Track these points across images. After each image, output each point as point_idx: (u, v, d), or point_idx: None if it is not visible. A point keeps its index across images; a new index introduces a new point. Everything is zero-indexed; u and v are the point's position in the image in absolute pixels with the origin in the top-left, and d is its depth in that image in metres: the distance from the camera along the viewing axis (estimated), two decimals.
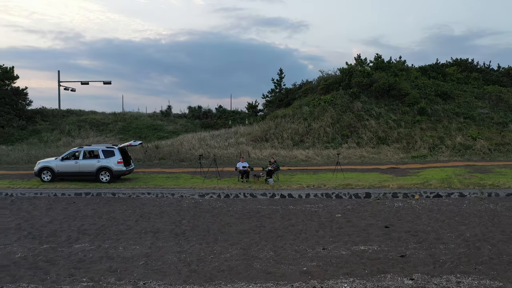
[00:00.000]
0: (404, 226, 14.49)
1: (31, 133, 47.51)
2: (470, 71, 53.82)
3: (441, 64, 58.58)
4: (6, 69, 53.52)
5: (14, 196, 19.82)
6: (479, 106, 37.84)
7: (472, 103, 38.58)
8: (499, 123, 34.64)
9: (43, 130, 48.35)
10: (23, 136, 46.01)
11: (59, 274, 10.84)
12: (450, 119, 35.12)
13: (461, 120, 34.81)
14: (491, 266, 11.04)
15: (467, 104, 38.20)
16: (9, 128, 47.22)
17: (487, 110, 37.08)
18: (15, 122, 48.83)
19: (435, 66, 51.00)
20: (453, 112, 36.18)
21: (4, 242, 13.30)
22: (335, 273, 10.74)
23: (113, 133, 49.18)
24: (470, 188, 19.06)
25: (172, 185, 21.46)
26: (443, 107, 37.03)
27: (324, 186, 20.22)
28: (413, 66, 53.47)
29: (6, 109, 49.56)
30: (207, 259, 11.82)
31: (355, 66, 48.41)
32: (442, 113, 35.85)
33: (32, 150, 33.89)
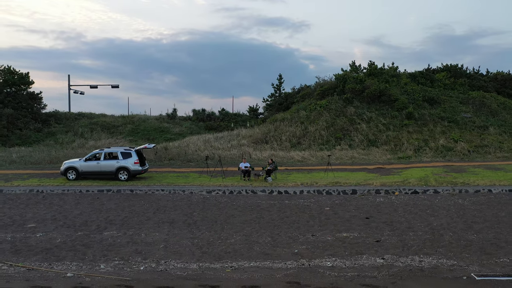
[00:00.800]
0: (382, 218, 16.57)
1: (46, 135, 49.49)
2: (459, 76, 55.75)
3: (432, 69, 60.66)
4: (22, 75, 55.60)
5: (45, 192, 21.91)
6: (463, 111, 39.88)
7: (456, 107, 40.62)
8: (480, 127, 36.69)
9: (58, 132, 50.30)
10: (39, 138, 48.03)
11: (94, 255, 12.92)
12: (435, 122, 37.17)
13: (445, 124, 36.87)
14: (449, 249, 13.10)
15: (452, 109, 40.23)
16: (26, 131, 49.28)
17: (470, 115, 39.13)
18: (32, 125, 50.87)
19: (424, 72, 52.97)
20: (438, 116, 38.23)
21: (45, 230, 15.39)
22: (320, 254, 12.82)
23: (123, 135, 51.07)
24: (444, 186, 21.16)
25: (183, 183, 23.58)
26: (430, 111, 39.07)
27: (316, 184, 22.33)
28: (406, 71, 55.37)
29: (23, 112, 51.65)
30: (215, 243, 13.90)
31: (349, 73, 50.44)
32: (428, 117, 37.91)
33: (52, 151, 35.90)
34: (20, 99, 53.18)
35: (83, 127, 51.73)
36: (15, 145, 43.88)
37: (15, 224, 16.07)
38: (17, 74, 55.29)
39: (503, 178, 22.33)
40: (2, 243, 13.99)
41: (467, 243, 13.63)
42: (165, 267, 11.99)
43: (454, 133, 34.89)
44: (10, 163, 31.06)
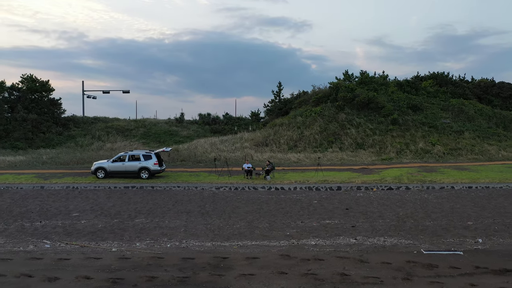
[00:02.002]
0: (359, 209, 19.54)
1: (67, 138, 52.38)
2: (445, 83, 58.39)
3: (421, 76, 63.41)
4: (43, 82, 58.60)
5: (80, 188, 24.94)
6: (442, 117, 42.79)
7: (437, 114, 43.54)
8: (457, 131, 39.60)
9: (77, 135, 53.21)
10: (61, 141, 50.95)
11: (130, 236, 15.90)
12: (417, 127, 40.11)
13: (426, 129, 39.79)
14: (408, 232, 16.06)
15: (433, 115, 43.15)
16: (49, 134, 52.27)
17: (449, 120, 42.04)
18: (54, 129, 53.86)
19: (411, 81, 55.74)
20: (420, 122, 41.16)
21: (87, 218, 18.38)
22: (307, 236, 15.78)
23: (136, 138, 53.87)
24: (415, 183, 24.14)
25: (195, 180, 26.60)
26: (413, 117, 42.00)
27: (308, 181, 25.33)
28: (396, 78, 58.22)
29: (46, 117, 54.63)
30: (224, 228, 16.87)
31: (342, 81, 53.35)
32: (411, 123, 40.84)
33: (77, 153, 38.94)
34: (42, 105, 56.16)
35: (99, 131, 54.59)
36: (40, 147, 46.89)
37: (61, 214, 19.09)
38: (39, 81, 58.32)
39: (465, 177, 25.32)
40: (55, 228, 17.00)
41: (424, 228, 16.59)
42: (186, 245, 14.97)
43: (432, 137, 37.84)
44: (42, 164, 34.10)
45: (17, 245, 15.01)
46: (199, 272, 12.05)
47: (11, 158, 35.70)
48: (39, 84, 58.42)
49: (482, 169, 28.20)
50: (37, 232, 16.42)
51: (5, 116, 52.06)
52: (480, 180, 24.54)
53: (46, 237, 15.81)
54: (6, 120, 51.23)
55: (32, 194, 23.33)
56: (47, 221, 17.90)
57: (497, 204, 20.02)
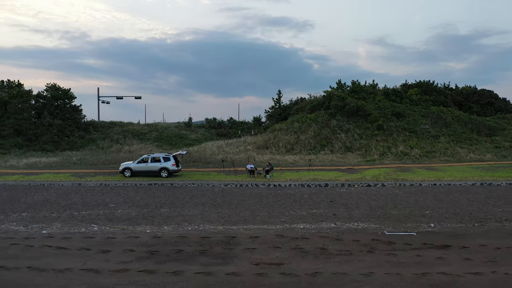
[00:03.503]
0: (341, 201, 22.94)
1: (88, 141, 55.76)
2: (430, 91, 61.54)
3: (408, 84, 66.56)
4: (65, 90, 62.07)
5: (110, 185, 28.42)
6: (422, 123, 46.13)
7: (418, 120, 46.87)
8: (434, 136, 42.94)
9: (97, 139, 56.55)
10: (83, 144, 54.34)
11: (159, 222, 19.31)
12: (399, 133, 43.47)
13: (407, 134, 43.15)
14: (377, 219, 19.43)
15: (414, 121, 46.49)
16: (73, 138, 55.74)
17: (428, 126, 45.38)
18: (76, 133, 57.31)
19: (396, 89, 59.12)
20: (402, 127, 44.51)
21: (122, 208, 21.82)
22: (297, 222, 19.17)
23: (150, 141, 57.10)
24: (389, 181, 27.53)
25: (206, 178, 30.05)
26: (396, 123, 45.35)
27: (300, 179, 28.74)
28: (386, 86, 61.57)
29: (69, 122, 58.08)
30: (232, 215, 20.28)
31: (335, 91, 56.77)
32: (394, 128, 44.20)
33: (101, 155, 42.40)
34: (65, 111, 59.63)
35: (117, 134, 57.95)
36: (65, 150, 50.36)
37: (101, 205, 22.55)
38: (61, 90, 61.82)
39: (433, 176, 28.70)
40: (98, 215, 20.44)
41: (390, 216, 19.98)
42: (203, 228, 18.39)
43: (412, 141, 41.21)
44: (73, 164, 37.58)
45: (72, 228, 18.46)
46: (215, 247, 15.47)
47: (45, 159, 39.20)
48: (62, 92, 61.86)
49: (448, 169, 31.61)
50: (84, 219, 19.88)
51: (33, 122, 55.63)
52: (444, 178, 27.93)
53: (93, 222, 19.27)
54: (35, 125, 54.74)
55: (73, 189, 26.83)
56: (90, 211, 21.37)
57: (453, 198, 23.43)
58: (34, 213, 21.04)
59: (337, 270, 13.22)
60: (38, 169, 35.15)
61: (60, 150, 49.99)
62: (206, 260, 14.15)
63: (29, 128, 53.29)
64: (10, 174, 32.12)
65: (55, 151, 48.95)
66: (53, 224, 19.08)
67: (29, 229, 18.21)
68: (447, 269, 13.34)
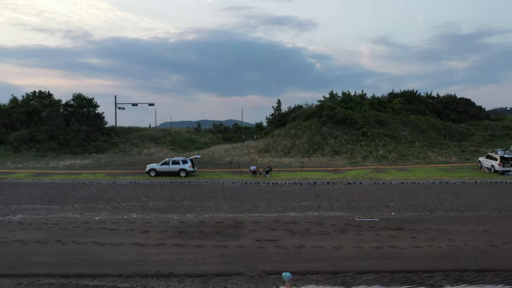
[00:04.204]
0: (325, 196, 27.11)
1: (111, 145, 59.71)
2: (412, 100, 65.00)
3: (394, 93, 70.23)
4: (89, 100, 66.16)
5: (140, 183, 32.66)
6: (401, 130, 50.19)
7: (398, 127, 50.90)
8: (410, 141, 47.01)
9: (119, 143, 60.49)
10: (107, 147, 58.34)
11: (183, 211, 23.50)
12: (381, 138, 47.54)
13: (387, 139, 47.20)
14: (351, 209, 23.57)
15: (395, 128, 50.53)
16: (97, 142, 59.87)
17: (406, 133, 49.45)
18: (100, 137, 61.45)
19: (381, 99, 62.80)
20: (383, 134, 48.58)
21: (152, 201, 26.02)
22: (289, 211, 23.33)
23: (165, 145, 60.94)
24: (366, 180, 31.69)
25: (217, 178, 34.28)
26: (378, 130, 49.43)
27: (294, 178, 32.92)
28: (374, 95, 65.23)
29: (94, 128, 62.22)
30: (239, 207, 24.47)
31: (327, 101, 60.77)
32: (376, 135, 48.27)
33: (125, 157, 46.64)
34: (90, 118, 63.83)
35: (136, 139, 61.96)
36: (92, 153, 54.50)
37: (135, 199, 26.79)
38: (86, 99, 66.01)
39: (402, 176, 32.86)
40: (135, 207, 24.64)
41: (362, 207, 24.15)
42: (217, 215, 22.57)
43: (391, 146, 45.29)
44: (104, 165, 41.84)
45: (116, 215, 22.69)
46: (227, 229, 19.68)
47: (80, 161, 43.47)
48: (86, 101, 66.01)
49: (417, 170, 35.76)
50: (125, 209, 24.12)
51: (63, 128, 59.89)
52: (411, 178, 32.09)
53: (132, 211, 23.51)
54: (65, 131, 58.93)
55: (110, 186, 31.11)
56: (128, 203, 25.62)
57: (414, 193, 27.61)
58: (84, 205, 25.30)
59: (316, 244, 17.42)
60: (76, 169, 39.45)
61: (88, 153, 54.07)
62: (221, 238, 18.37)
63: (60, 133, 57.44)
64: (55, 174, 36.45)
65: (84, 154, 53.05)
66: (101, 212, 23.34)
67: (84, 216, 22.47)
68: (396, 244, 17.51)
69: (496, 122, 61.57)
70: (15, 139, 53.14)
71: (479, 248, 16.93)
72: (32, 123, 57.93)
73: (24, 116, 58.67)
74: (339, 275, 14.49)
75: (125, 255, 16.37)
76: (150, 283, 13.91)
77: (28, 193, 28.78)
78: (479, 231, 19.28)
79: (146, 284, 13.88)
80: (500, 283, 14.07)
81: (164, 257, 16.08)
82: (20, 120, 58.05)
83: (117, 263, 15.57)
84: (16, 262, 15.66)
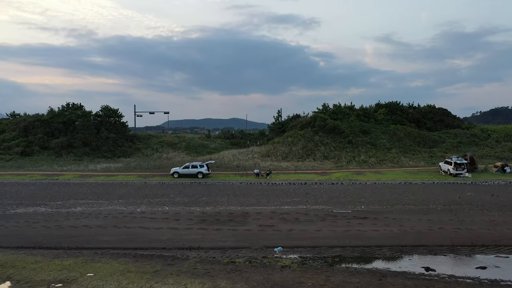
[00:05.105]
0: (313, 193, 31.96)
1: (135, 150, 64.64)
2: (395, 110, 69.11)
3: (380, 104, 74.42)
4: (115, 111, 71.12)
5: (166, 183, 37.61)
6: (381, 138, 54.85)
7: (378, 136, 55.56)
8: (388, 148, 51.65)
9: (141, 148, 65.30)
10: (132, 152, 63.16)
11: (203, 205, 28.37)
12: (363, 145, 52.23)
13: (369, 146, 51.86)
14: (331, 203, 28.38)
15: (376, 137, 55.18)
16: (123, 147, 64.90)
17: (385, 141, 54.12)
18: (125, 143, 66.48)
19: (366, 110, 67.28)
20: (366, 142, 53.26)
21: (178, 197, 30.90)
22: (284, 205, 28.19)
23: (181, 150, 65.56)
24: (346, 181, 36.46)
25: (227, 179, 39.16)
26: (362, 139, 54.12)
27: (289, 179, 37.76)
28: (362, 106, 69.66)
29: (120, 135, 67.27)
30: (245, 201, 29.33)
31: (320, 112, 65.55)
32: (360, 143, 52.96)
33: (150, 161, 51.58)
34: (116, 126, 68.87)
35: (156, 144, 66.87)
36: (120, 157, 59.44)
37: (164, 196, 31.72)
38: (112, 110, 71.02)
39: (376, 177, 37.62)
40: (165, 202, 29.58)
41: (340, 202, 28.98)
42: (229, 208, 27.42)
43: (371, 152, 50.00)
44: (134, 168, 46.83)
45: (153, 208, 27.61)
46: (237, 217, 24.57)
47: (113, 165, 48.47)
48: (112, 111, 71.03)
49: (389, 173, 40.54)
50: (158, 203, 29.05)
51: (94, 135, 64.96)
52: (382, 179, 36.87)
53: (164, 205, 28.45)
54: (96, 138, 63.99)
55: (142, 186, 36.09)
56: (160, 199, 30.57)
57: (382, 191, 32.41)
58: (125, 200, 30.27)
59: (302, 228, 22.25)
60: (111, 172, 44.46)
61: (116, 157, 59.05)
62: (233, 224, 23.25)
63: (92, 140, 62.48)
64: (95, 175, 41.49)
65: (113, 158, 58.03)
66: (140, 206, 28.30)
67: (128, 209, 27.41)
68: (360, 228, 22.32)
69: (465, 130, 65.92)
70: (56, 146, 58.24)
71: (420, 231, 21.69)
72: (69, 132, 63.01)
73: (62, 126, 63.73)
74: (316, 248, 19.29)
75: (164, 235, 21.25)
76: (185, 253, 18.79)
77: (80, 191, 33.81)
78: (424, 219, 24.01)
79: (183, 253, 18.74)
80: (427, 253, 18.85)
81: (193, 236, 20.94)
82: (58, 129, 63.14)
83: (160, 240, 20.43)
84: (89, 239, 20.59)
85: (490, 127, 70.72)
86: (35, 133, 61.67)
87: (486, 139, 58.55)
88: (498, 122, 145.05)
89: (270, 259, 17.26)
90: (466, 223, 23.00)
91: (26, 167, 46.81)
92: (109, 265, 16.52)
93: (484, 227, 22.32)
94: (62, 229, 22.38)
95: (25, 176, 40.99)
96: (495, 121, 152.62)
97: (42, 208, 27.62)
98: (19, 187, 35.47)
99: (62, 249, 19.38)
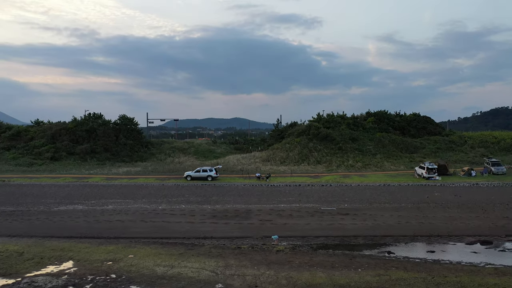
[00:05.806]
0: (305, 194, 35.54)
1: (150, 155, 68.24)
2: (383, 119, 72.38)
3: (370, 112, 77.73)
4: (131, 119, 74.85)
5: (181, 185, 41.25)
6: (368, 145, 58.35)
7: (366, 143, 59.05)
8: (373, 154, 55.14)
9: (156, 153, 68.93)
10: (147, 157, 66.65)
11: (213, 203, 31.98)
12: (352, 151, 55.73)
13: (356, 152, 55.35)
14: (320, 202, 31.92)
15: (363, 143, 58.67)
16: (140, 153, 68.59)
17: (371, 147, 57.63)
18: (141, 149, 70.18)
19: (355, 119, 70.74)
20: (354, 148, 56.76)
21: (192, 197, 34.55)
22: (280, 203, 31.75)
23: (190, 154, 69.03)
24: (334, 183, 40.02)
25: (233, 181, 42.77)
26: (351, 145, 57.65)
27: (286, 182, 41.34)
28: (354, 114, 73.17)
29: (136, 142, 71.01)
30: (249, 200, 32.89)
31: (314, 121, 69.11)
32: (349, 149, 56.46)
33: (165, 166, 55.24)
34: (133, 134, 72.61)
35: (168, 150, 70.43)
36: (137, 161, 63.07)
37: (180, 196, 35.35)
38: (129, 119, 74.71)
39: (359, 180, 41.17)
40: (182, 201, 33.19)
41: (327, 200, 32.54)
42: (235, 206, 31.01)
43: (358, 157, 53.54)
44: (151, 172, 50.51)
45: (171, 206, 31.20)
46: (241, 213, 28.17)
47: (133, 169, 52.16)
48: (129, 120, 74.72)
49: (372, 176, 44.09)
50: (175, 202, 32.68)
51: (114, 142, 68.69)
52: (365, 181, 40.41)
53: (180, 203, 32.09)
54: (115, 144, 67.70)
55: (160, 187, 39.75)
56: (176, 198, 34.21)
57: (364, 192, 35.96)
58: (148, 199, 33.93)
59: (295, 222, 25.81)
60: (132, 175, 48.18)
61: (134, 162, 62.69)
62: (238, 219, 26.85)
63: (112, 147, 66.16)
64: (119, 178, 45.21)
65: (131, 162, 61.69)
66: (161, 204, 31.95)
67: (151, 207, 31.06)
68: (342, 222, 25.86)
69: (445, 137, 69.29)
70: (81, 151, 62.02)
71: (390, 225, 25.19)
72: (91, 139, 66.74)
73: (85, 133, 67.46)
74: (305, 237, 22.79)
75: (183, 228, 24.83)
76: (201, 241, 22.40)
77: (108, 191, 37.51)
78: (395, 215, 27.49)
79: (199, 241, 22.32)
80: (393, 243, 22.37)
81: (206, 228, 24.52)
82: (82, 136, 66.89)
83: (180, 231, 24.01)
84: (123, 231, 24.18)
85: (468, 133, 73.92)
86: (61, 140, 65.49)
87: (462, 145, 61.92)
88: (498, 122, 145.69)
89: (268, 245, 20.84)
90: (428, 218, 26.48)
91: (57, 171, 50.55)
92: (143, 249, 20.12)
93: (443, 221, 25.79)
94: (99, 223, 25.98)
95: (58, 178, 44.74)
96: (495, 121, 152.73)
97: (79, 206, 31.29)
98: (56, 188, 39.20)
99: (103, 238, 22.96)
